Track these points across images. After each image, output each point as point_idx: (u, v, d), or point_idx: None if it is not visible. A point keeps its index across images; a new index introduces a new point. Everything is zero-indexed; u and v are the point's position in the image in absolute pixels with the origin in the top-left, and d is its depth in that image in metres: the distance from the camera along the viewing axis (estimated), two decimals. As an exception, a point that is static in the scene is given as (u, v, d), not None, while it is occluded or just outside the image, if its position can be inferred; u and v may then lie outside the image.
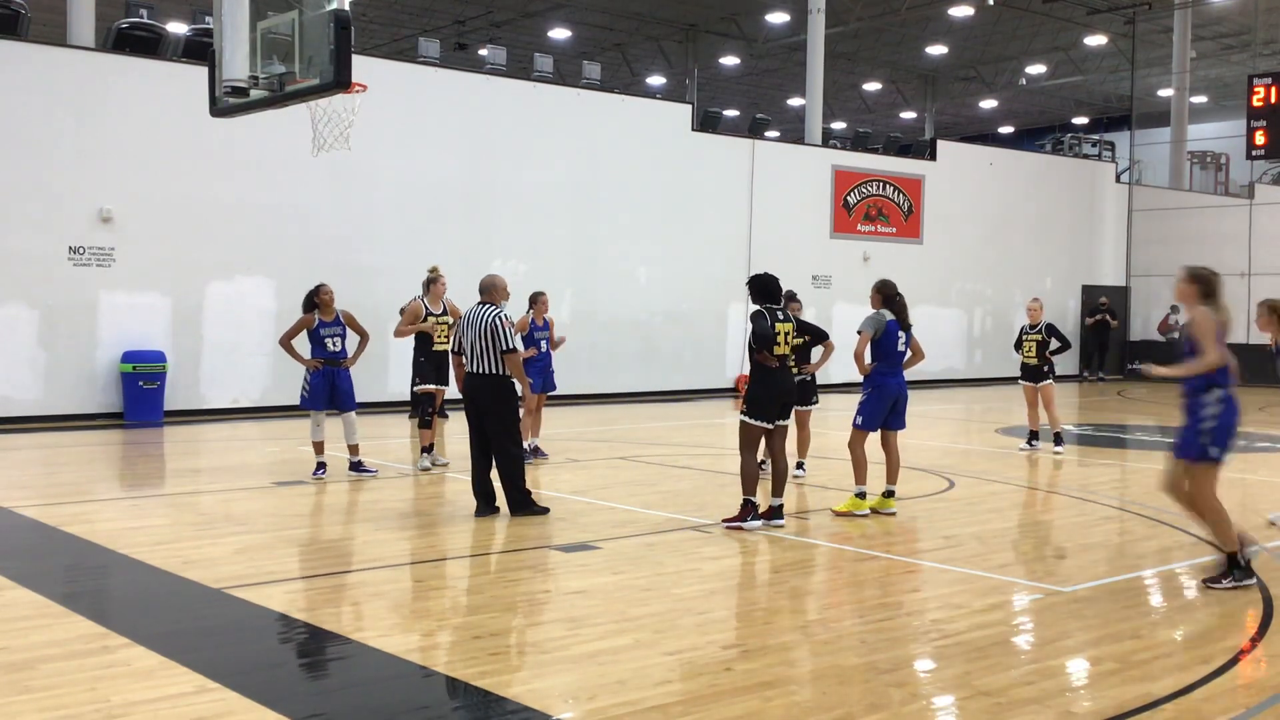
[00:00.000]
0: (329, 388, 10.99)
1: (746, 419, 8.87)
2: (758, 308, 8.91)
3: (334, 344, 11.04)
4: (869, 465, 9.60)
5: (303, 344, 11.14)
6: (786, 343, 8.90)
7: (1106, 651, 5.82)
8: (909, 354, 9.68)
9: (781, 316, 8.93)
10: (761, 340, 8.73)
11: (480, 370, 9.24)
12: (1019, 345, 14.03)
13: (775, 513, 8.94)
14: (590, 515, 9.36)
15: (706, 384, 21.59)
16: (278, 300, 17.21)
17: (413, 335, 11.86)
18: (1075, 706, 5.04)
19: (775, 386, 8.87)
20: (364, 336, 11.27)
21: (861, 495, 9.45)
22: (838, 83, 37.95)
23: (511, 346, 9.22)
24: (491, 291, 9.50)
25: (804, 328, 10.18)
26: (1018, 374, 14.17)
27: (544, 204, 19.90)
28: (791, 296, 10.85)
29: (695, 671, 5.42)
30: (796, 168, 23.52)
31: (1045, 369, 13.74)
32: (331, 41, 8.74)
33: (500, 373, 9.22)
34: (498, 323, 9.21)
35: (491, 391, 9.23)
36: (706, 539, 8.44)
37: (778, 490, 8.99)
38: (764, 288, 9.01)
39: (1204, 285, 7.30)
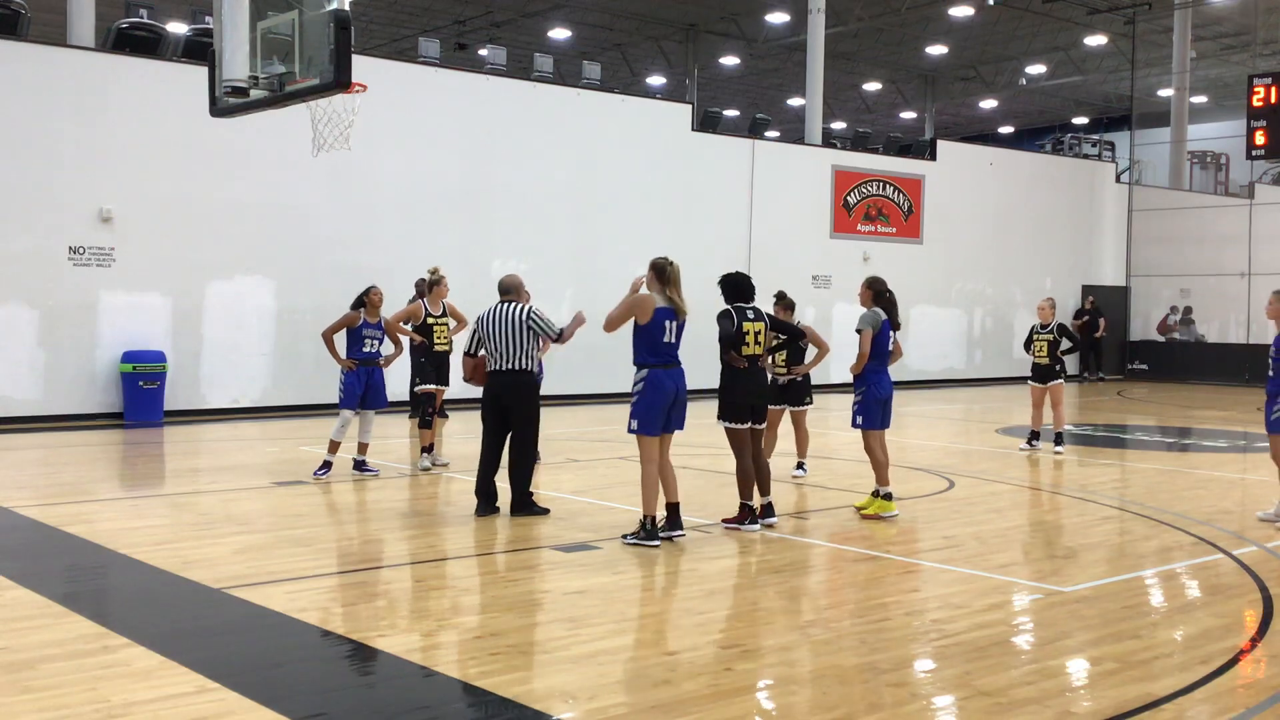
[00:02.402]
0: (363, 387, 11.13)
1: (724, 423, 8.83)
2: (725, 307, 8.82)
3: (372, 345, 11.21)
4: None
5: (339, 342, 11.26)
6: (757, 343, 8.78)
7: (1106, 651, 5.82)
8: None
9: (751, 315, 8.79)
10: (724, 341, 8.68)
11: (511, 367, 9.18)
12: (1029, 345, 14.02)
13: (766, 511, 8.95)
14: (590, 515, 9.37)
15: (706, 384, 21.52)
16: (278, 300, 17.22)
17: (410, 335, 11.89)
18: (1075, 706, 5.04)
19: (743, 388, 8.78)
20: (398, 346, 11.51)
21: (888, 497, 9.42)
22: (838, 83, 37.94)
23: (557, 333, 9.28)
24: (517, 291, 9.45)
25: (780, 327, 10.03)
26: (1017, 374, 14.20)
27: (544, 204, 19.90)
28: (781, 298, 10.90)
29: (695, 671, 5.42)
30: (796, 168, 23.52)
31: (1056, 368, 13.77)
32: (331, 41, 8.73)
33: (530, 369, 9.24)
34: (536, 318, 9.23)
35: (523, 389, 9.23)
36: (706, 539, 8.44)
37: (764, 489, 8.98)
38: (735, 286, 8.91)
39: (655, 272, 8.29)
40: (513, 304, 9.33)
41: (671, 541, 8.27)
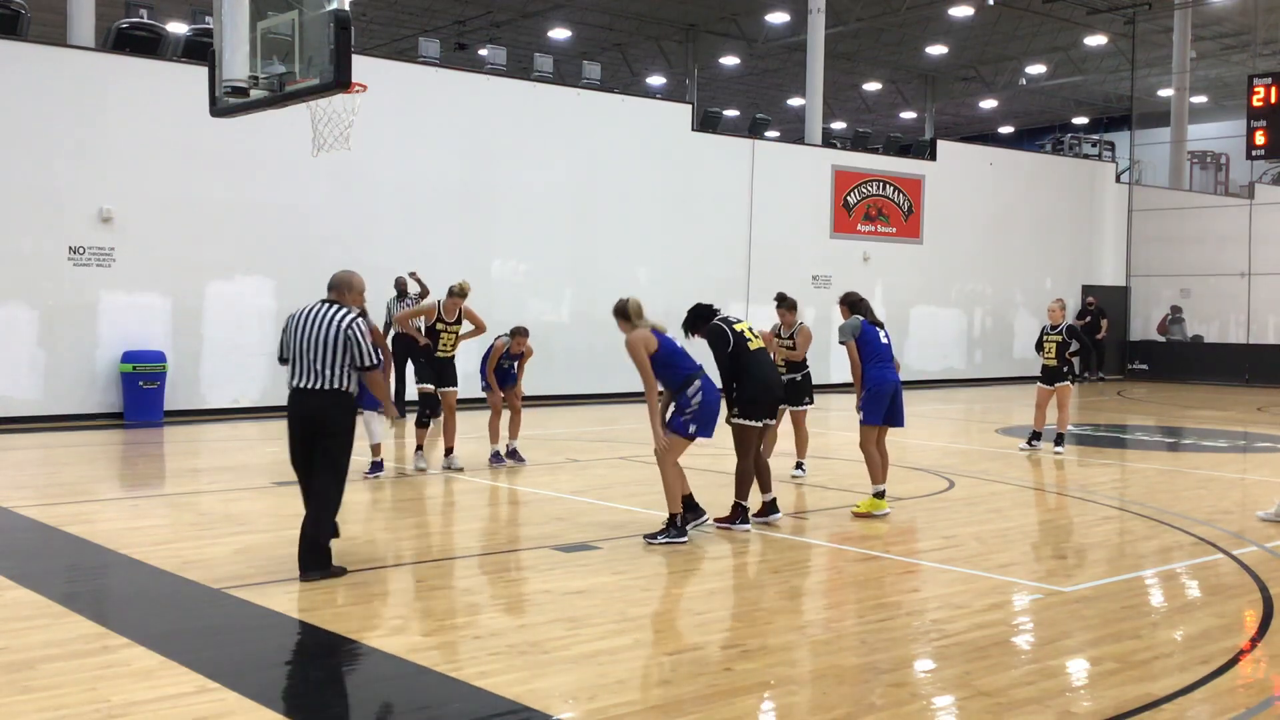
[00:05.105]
0: None
1: (742, 421, 8.81)
2: (715, 323, 8.73)
3: None
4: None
5: None
6: (755, 335, 8.87)
7: (1106, 651, 5.82)
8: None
9: (733, 319, 8.89)
10: (725, 352, 8.67)
11: (319, 385, 7.17)
12: (1040, 346, 14.02)
13: (770, 508, 8.96)
14: (590, 515, 9.36)
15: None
16: (278, 300, 17.21)
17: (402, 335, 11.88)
18: (1075, 706, 5.04)
19: (764, 386, 8.81)
20: (387, 351, 11.42)
21: (880, 495, 9.43)
22: (838, 83, 37.94)
23: (373, 362, 7.24)
24: (343, 290, 7.46)
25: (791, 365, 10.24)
26: (1017, 374, 14.19)
27: (544, 204, 19.90)
28: (782, 300, 11.19)
29: (695, 671, 5.42)
30: (796, 168, 23.51)
31: (1064, 370, 13.77)
32: (331, 41, 8.74)
33: (345, 388, 7.23)
34: (355, 330, 7.19)
35: (332, 411, 7.22)
36: (706, 539, 8.44)
37: (765, 486, 9.00)
38: (698, 317, 8.85)
39: (621, 317, 8.33)
40: (335, 306, 7.32)
41: (698, 530, 8.45)
